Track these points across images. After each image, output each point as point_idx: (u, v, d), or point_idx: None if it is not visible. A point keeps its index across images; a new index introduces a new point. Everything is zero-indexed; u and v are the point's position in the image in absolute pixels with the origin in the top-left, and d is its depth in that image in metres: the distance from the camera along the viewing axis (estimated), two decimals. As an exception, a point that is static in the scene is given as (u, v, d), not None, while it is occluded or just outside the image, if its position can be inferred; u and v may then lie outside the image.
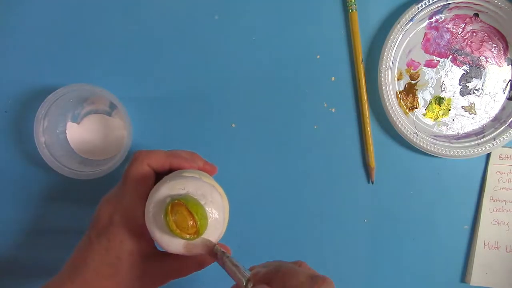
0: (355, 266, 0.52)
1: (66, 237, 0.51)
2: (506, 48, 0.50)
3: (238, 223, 0.51)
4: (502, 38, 0.49)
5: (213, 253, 0.32)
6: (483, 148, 0.49)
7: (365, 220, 0.52)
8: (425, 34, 0.50)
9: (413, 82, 0.50)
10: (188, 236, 0.31)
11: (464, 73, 0.50)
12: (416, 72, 0.50)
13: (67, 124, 0.50)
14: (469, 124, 0.51)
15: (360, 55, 0.49)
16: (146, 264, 0.35)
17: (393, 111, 0.49)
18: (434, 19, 0.49)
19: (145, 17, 0.49)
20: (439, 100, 0.51)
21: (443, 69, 0.50)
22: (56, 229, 0.51)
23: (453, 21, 0.50)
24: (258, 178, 0.51)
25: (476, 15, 0.49)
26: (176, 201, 0.30)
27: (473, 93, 0.50)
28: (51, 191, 0.51)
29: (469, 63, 0.50)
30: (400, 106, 0.50)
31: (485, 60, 0.50)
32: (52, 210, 0.51)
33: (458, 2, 0.48)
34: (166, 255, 0.36)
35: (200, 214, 0.31)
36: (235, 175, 0.51)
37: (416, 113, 0.51)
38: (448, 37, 0.50)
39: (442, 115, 0.51)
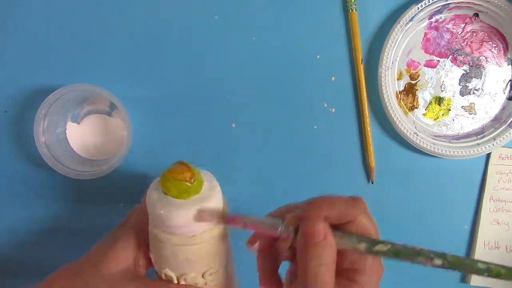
0: (355, 266, 0.52)
1: (66, 237, 0.51)
2: (506, 48, 0.50)
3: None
4: (502, 38, 0.49)
5: (225, 218, 0.32)
6: (483, 148, 0.49)
7: (365, 220, 0.52)
8: (425, 34, 0.50)
9: (413, 82, 0.50)
10: (187, 184, 0.31)
11: (464, 73, 0.50)
12: (416, 72, 0.50)
13: (67, 124, 0.50)
14: (469, 124, 0.51)
15: (360, 55, 0.49)
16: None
17: (393, 111, 0.49)
18: (434, 19, 0.49)
19: (145, 17, 0.49)
20: (439, 100, 0.51)
21: (443, 69, 0.50)
22: (56, 229, 0.51)
23: (453, 21, 0.50)
24: (258, 178, 0.51)
25: (476, 15, 0.49)
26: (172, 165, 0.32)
27: (473, 93, 0.50)
28: (51, 191, 0.51)
29: (469, 63, 0.50)
30: (400, 106, 0.50)
31: (485, 60, 0.50)
32: (52, 210, 0.51)
33: (458, 2, 0.48)
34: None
35: (197, 173, 0.32)
36: (235, 175, 0.51)
37: (416, 113, 0.51)
38: (448, 37, 0.50)
39: (442, 115, 0.51)
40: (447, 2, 0.47)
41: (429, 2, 0.47)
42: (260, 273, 0.34)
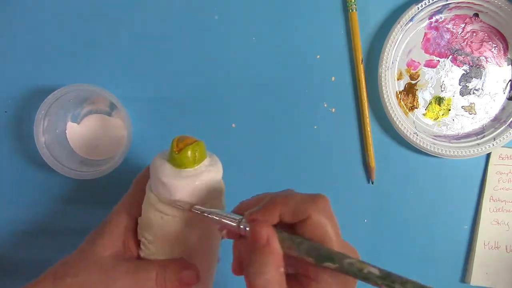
0: (355, 266, 0.52)
1: (66, 237, 0.51)
2: (506, 48, 0.50)
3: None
4: (502, 38, 0.50)
5: (191, 209, 0.31)
6: (483, 148, 0.49)
7: (365, 220, 0.52)
8: (425, 34, 0.50)
9: (413, 82, 0.50)
10: (174, 153, 0.32)
11: (464, 73, 0.50)
12: (416, 72, 0.50)
13: (67, 124, 0.50)
14: (469, 124, 0.51)
15: (360, 55, 0.49)
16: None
17: (393, 111, 0.49)
18: (434, 19, 0.49)
19: (145, 17, 0.49)
20: (439, 100, 0.51)
21: (443, 69, 0.50)
22: (56, 229, 0.51)
23: (453, 21, 0.50)
24: (258, 178, 0.51)
25: (476, 15, 0.49)
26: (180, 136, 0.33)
27: (473, 93, 0.50)
28: (51, 191, 0.51)
29: (469, 63, 0.50)
30: (400, 106, 0.50)
31: (485, 60, 0.50)
32: (52, 210, 0.51)
33: (458, 2, 0.48)
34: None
35: (190, 148, 0.33)
36: (235, 175, 0.51)
37: (416, 113, 0.51)
38: (448, 37, 0.50)
39: (442, 115, 0.51)
40: (447, 2, 0.47)
41: (429, 2, 0.47)
42: (233, 261, 0.31)
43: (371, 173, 0.51)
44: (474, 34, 0.50)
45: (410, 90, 0.51)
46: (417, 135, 0.49)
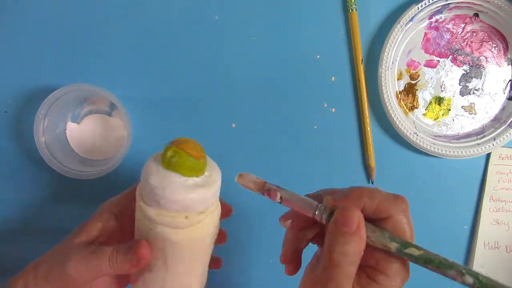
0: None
1: (65, 237, 0.51)
2: (506, 48, 0.50)
3: (238, 225, 0.51)
4: (502, 38, 0.50)
5: (263, 187, 0.31)
6: (483, 148, 0.49)
7: (365, 220, 0.52)
8: (425, 34, 0.50)
9: (413, 82, 0.50)
10: (199, 162, 0.30)
11: (464, 73, 0.50)
12: (416, 72, 0.50)
13: (67, 124, 0.50)
14: (469, 124, 0.51)
15: (360, 55, 0.49)
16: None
17: (393, 111, 0.49)
18: (434, 19, 0.49)
19: (145, 17, 0.49)
20: (439, 100, 0.51)
21: (443, 69, 0.50)
22: (56, 229, 0.51)
23: (453, 21, 0.50)
24: (258, 178, 0.51)
25: (476, 15, 0.49)
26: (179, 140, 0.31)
27: (473, 93, 0.50)
28: (51, 191, 0.51)
29: (469, 63, 0.50)
30: (400, 106, 0.50)
31: (485, 60, 0.50)
32: (52, 210, 0.51)
33: (458, 2, 0.48)
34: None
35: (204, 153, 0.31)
36: (234, 176, 0.51)
37: (416, 113, 0.51)
38: (448, 37, 0.50)
39: (442, 115, 0.51)
40: (447, 2, 0.47)
41: (429, 2, 0.47)
42: (283, 250, 0.33)
43: (371, 173, 0.51)
44: (474, 34, 0.50)
45: (410, 90, 0.51)
46: (417, 135, 0.49)
